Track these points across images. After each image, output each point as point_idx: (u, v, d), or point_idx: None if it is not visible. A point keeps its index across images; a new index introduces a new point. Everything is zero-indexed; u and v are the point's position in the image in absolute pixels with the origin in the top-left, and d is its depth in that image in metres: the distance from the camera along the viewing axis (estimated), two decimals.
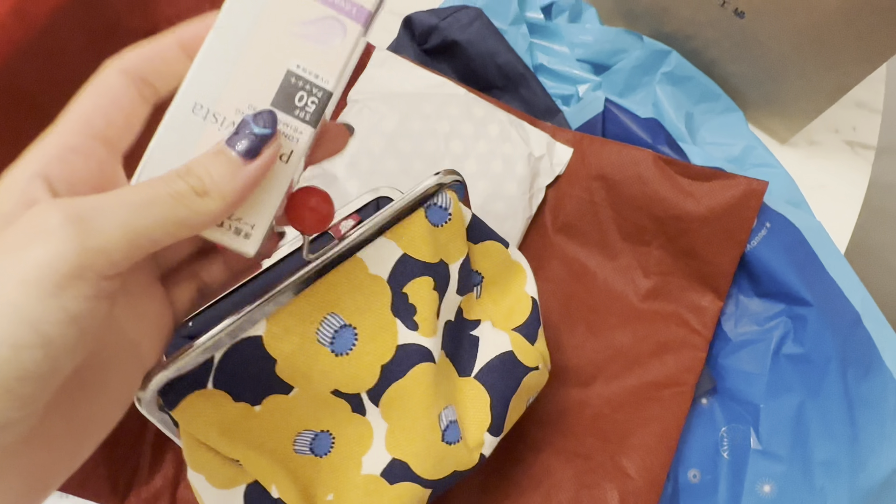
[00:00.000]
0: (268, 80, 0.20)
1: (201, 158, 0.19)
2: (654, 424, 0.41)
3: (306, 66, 0.20)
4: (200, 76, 0.20)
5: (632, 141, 0.46)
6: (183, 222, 0.18)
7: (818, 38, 0.42)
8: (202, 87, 0.20)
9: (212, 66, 0.20)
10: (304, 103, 0.20)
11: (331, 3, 0.20)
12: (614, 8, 0.52)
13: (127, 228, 0.17)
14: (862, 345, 0.42)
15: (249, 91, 0.20)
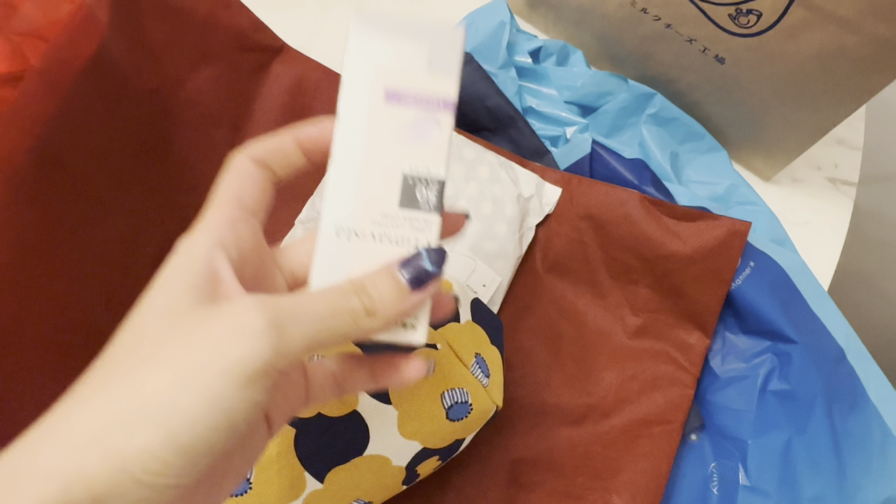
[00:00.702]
0: (390, 189, 0.23)
1: (374, 277, 0.21)
2: (645, 461, 0.42)
3: (417, 165, 0.23)
4: (334, 203, 0.22)
5: (618, 181, 0.48)
6: (346, 335, 0.20)
7: (796, 84, 0.43)
8: (337, 211, 0.22)
9: (340, 192, 0.23)
10: (426, 196, 0.23)
11: (422, 106, 0.23)
12: (600, 51, 0.53)
13: (309, 337, 0.19)
14: (847, 380, 0.43)
15: (378, 202, 0.22)
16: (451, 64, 0.23)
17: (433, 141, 0.23)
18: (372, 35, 0.23)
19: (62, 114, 0.33)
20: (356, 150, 0.23)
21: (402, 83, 0.23)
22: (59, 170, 0.34)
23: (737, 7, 0.41)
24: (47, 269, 0.34)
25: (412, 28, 0.23)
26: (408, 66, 0.23)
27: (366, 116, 0.22)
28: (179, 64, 0.40)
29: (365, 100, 0.22)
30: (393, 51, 0.23)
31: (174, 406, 0.17)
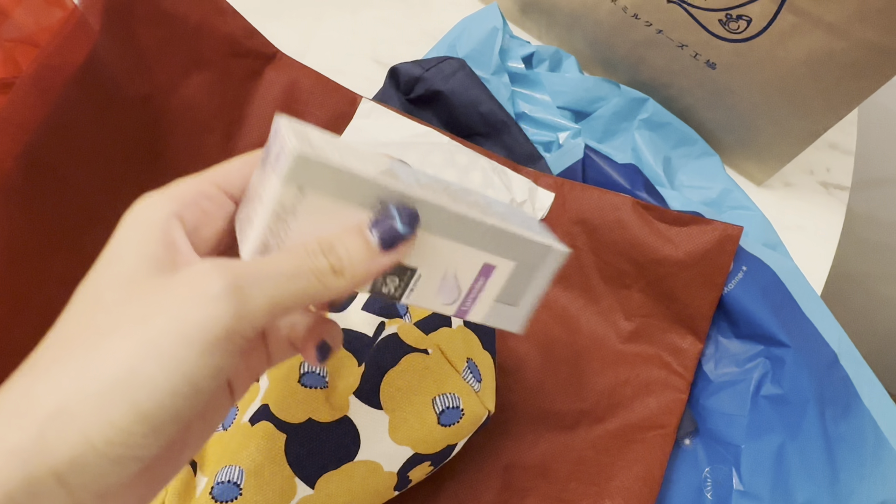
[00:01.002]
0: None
1: (342, 236, 0.20)
2: (638, 467, 0.42)
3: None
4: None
5: (611, 186, 0.48)
6: (314, 296, 0.19)
7: (787, 89, 0.43)
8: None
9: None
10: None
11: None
12: (593, 57, 0.53)
13: (272, 300, 0.18)
14: (839, 385, 0.43)
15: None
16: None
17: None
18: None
19: (52, 120, 0.33)
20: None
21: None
22: (50, 176, 0.34)
23: (727, 13, 0.41)
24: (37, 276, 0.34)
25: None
26: None
27: None
28: (172, 70, 0.40)
29: None
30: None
31: (136, 376, 0.17)
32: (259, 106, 0.45)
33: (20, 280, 0.33)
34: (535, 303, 0.26)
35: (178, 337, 0.17)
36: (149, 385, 0.17)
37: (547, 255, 0.25)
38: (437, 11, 0.56)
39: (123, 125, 0.38)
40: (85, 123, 0.36)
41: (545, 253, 0.25)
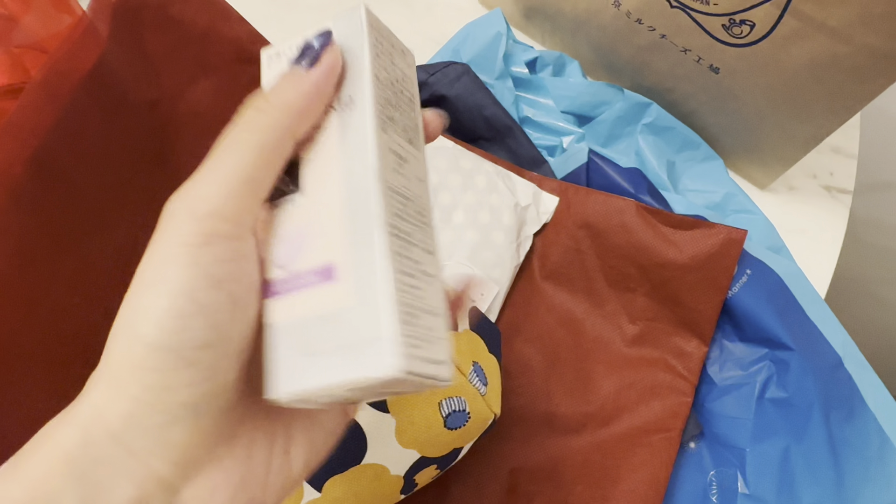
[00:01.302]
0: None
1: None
2: (644, 470, 0.42)
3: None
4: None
5: (615, 190, 0.48)
6: (264, 145, 0.18)
7: (790, 93, 0.43)
8: None
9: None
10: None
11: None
12: (596, 61, 0.54)
13: (221, 183, 0.18)
14: (844, 388, 0.43)
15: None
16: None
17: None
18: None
19: (61, 125, 0.34)
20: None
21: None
22: (58, 180, 0.34)
23: (730, 18, 0.41)
24: (45, 280, 0.34)
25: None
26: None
27: None
28: (179, 76, 0.41)
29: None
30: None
31: (135, 310, 0.17)
32: None
33: (29, 283, 0.33)
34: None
35: (159, 261, 0.17)
36: (147, 314, 0.17)
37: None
38: (442, 17, 0.57)
39: (131, 130, 0.39)
40: (93, 128, 0.36)
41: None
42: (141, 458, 0.17)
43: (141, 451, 0.17)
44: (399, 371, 0.17)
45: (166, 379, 0.16)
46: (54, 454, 0.16)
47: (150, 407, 0.16)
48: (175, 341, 0.17)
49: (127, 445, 0.16)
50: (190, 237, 0.17)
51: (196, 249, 0.17)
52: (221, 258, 0.18)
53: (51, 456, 0.16)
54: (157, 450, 0.17)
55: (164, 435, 0.17)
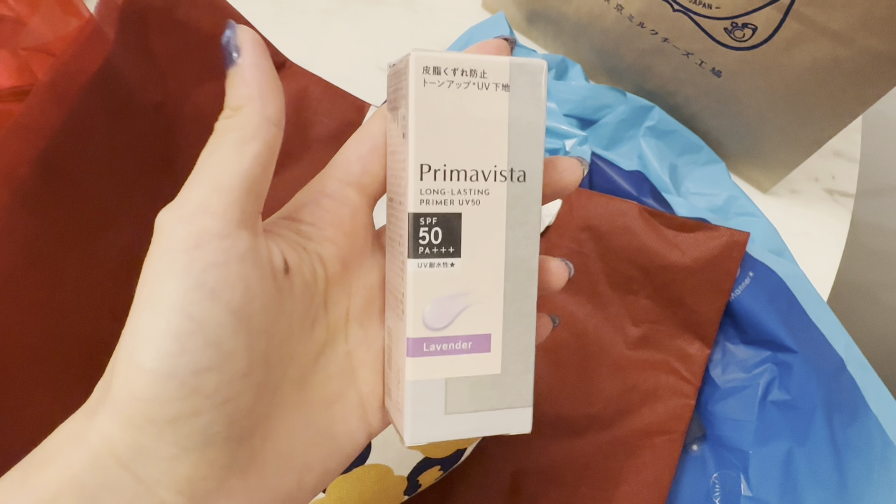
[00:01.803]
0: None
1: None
2: (646, 472, 0.42)
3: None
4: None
5: (618, 193, 0.48)
6: (240, 139, 0.18)
7: (792, 97, 0.44)
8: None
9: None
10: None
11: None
12: (599, 65, 0.54)
13: (203, 181, 0.17)
14: (847, 390, 0.43)
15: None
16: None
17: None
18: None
19: (67, 126, 0.34)
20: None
21: None
22: (64, 181, 0.34)
23: (732, 21, 0.41)
24: (51, 281, 0.34)
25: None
26: None
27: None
28: (185, 78, 0.41)
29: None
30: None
31: (134, 334, 0.16)
32: None
33: (35, 284, 0.33)
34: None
35: (152, 275, 0.17)
36: (142, 337, 0.16)
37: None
38: (445, 21, 0.57)
39: (137, 132, 0.39)
40: (99, 130, 0.36)
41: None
42: (149, 487, 0.16)
43: (148, 480, 0.16)
44: (529, 429, 0.21)
45: (170, 410, 0.16)
46: (64, 475, 0.16)
47: (155, 439, 0.16)
48: (173, 366, 0.16)
49: (134, 473, 0.16)
50: (178, 241, 0.17)
51: (185, 255, 0.16)
52: (213, 262, 0.17)
53: (61, 476, 0.16)
54: (164, 480, 0.16)
55: (172, 467, 0.16)
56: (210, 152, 0.18)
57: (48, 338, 0.34)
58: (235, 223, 0.17)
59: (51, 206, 0.34)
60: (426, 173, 0.19)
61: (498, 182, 0.20)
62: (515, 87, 0.20)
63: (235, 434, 0.17)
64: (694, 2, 0.42)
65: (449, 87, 0.19)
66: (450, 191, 0.20)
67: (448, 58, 0.19)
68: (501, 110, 0.20)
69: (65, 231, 0.35)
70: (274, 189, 0.44)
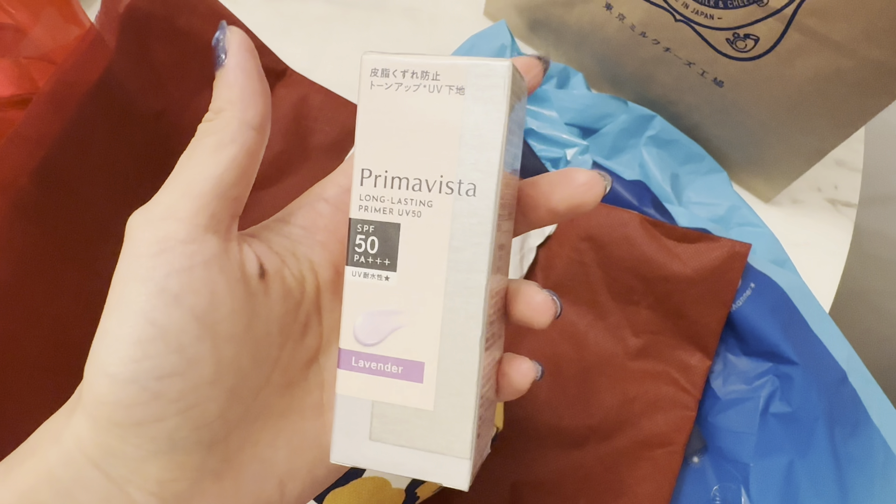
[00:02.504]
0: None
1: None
2: (647, 484, 0.42)
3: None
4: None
5: (618, 203, 0.48)
6: (217, 144, 0.18)
7: (794, 107, 0.43)
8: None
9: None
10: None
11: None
12: (601, 73, 0.54)
13: (175, 185, 0.17)
14: (849, 402, 0.42)
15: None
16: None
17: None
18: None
19: (67, 136, 0.34)
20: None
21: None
22: (63, 190, 0.34)
23: (734, 32, 0.41)
24: (50, 290, 0.34)
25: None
26: None
27: None
28: (185, 87, 0.41)
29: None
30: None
31: (100, 336, 0.16)
32: None
33: (33, 293, 0.33)
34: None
35: (118, 280, 0.17)
36: (107, 342, 0.16)
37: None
38: (446, 29, 0.57)
39: (137, 140, 0.39)
40: (99, 139, 0.36)
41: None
42: (119, 485, 0.16)
43: (118, 479, 0.16)
44: (466, 486, 0.18)
45: (133, 414, 0.16)
46: (41, 469, 0.16)
47: (121, 441, 0.16)
48: (136, 371, 0.16)
49: (105, 472, 0.16)
50: (144, 246, 0.17)
51: (149, 260, 0.16)
52: (177, 267, 0.16)
53: (38, 470, 0.16)
54: (134, 480, 0.16)
55: (140, 467, 0.16)
56: (187, 156, 0.18)
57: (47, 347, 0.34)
58: (203, 228, 0.17)
59: (50, 216, 0.34)
60: (366, 178, 0.18)
61: (443, 194, 0.18)
62: (471, 91, 0.17)
63: (205, 439, 0.17)
64: (696, 12, 0.42)
65: (397, 90, 0.18)
66: (389, 199, 0.18)
67: (398, 60, 0.18)
68: (453, 116, 0.18)
69: (64, 240, 0.35)
70: (273, 197, 0.44)
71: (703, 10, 0.41)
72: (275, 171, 0.45)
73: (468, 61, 0.18)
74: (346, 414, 0.19)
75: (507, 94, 0.17)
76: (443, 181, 0.18)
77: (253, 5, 0.54)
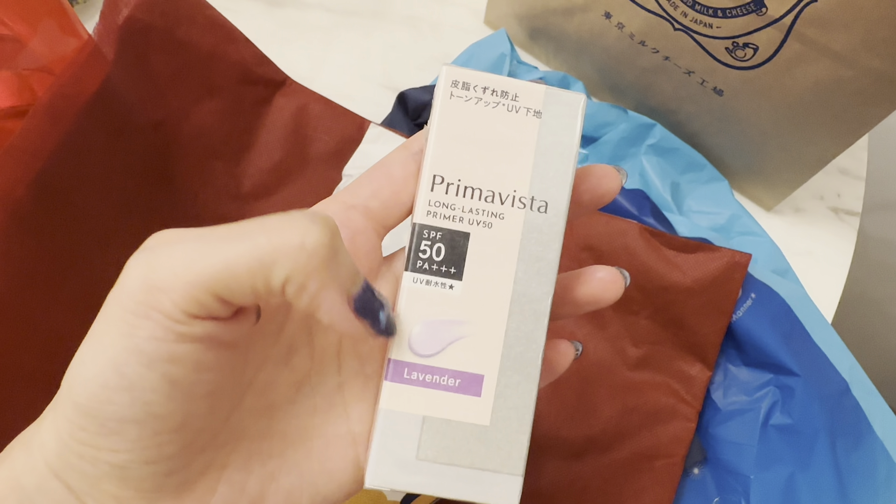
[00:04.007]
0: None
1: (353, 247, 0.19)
2: (646, 496, 0.41)
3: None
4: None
5: (618, 212, 0.48)
6: (259, 264, 0.15)
7: (795, 116, 0.43)
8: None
9: None
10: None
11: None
12: (600, 82, 0.54)
13: (188, 266, 0.15)
14: (851, 414, 0.42)
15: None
16: None
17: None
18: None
19: (65, 147, 0.34)
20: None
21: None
22: (61, 202, 0.34)
23: (733, 41, 0.41)
24: (46, 301, 0.34)
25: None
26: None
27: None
28: (184, 97, 0.41)
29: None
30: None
31: (75, 373, 0.16)
32: (268, 132, 0.46)
33: (31, 305, 0.33)
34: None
35: (103, 319, 0.16)
36: (80, 373, 0.16)
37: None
38: (446, 37, 0.57)
39: (135, 151, 0.39)
40: (97, 150, 0.36)
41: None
42: (79, 497, 0.17)
43: (78, 491, 0.17)
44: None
45: (91, 439, 0.16)
46: (10, 476, 0.17)
47: (79, 457, 0.16)
48: (98, 410, 0.16)
49: (65, 483, 0.17)
50: (132, 303, 0.16)
51: (134, 318, 0.16)
52: (160, 336, 0.16)
53: (7, 476, 0.17)
54: (93, 494, 0.17)
55: (97, 484, 0.16)
56: (225, 237, 0.16)
57: (44, 358, 0.34)
58: (194, 316, 0.16)
59: (47, 227, 0.34)
60: (438, 185, 0.18)
61: (515, 208, 0.18)
62: (548, 116, 0.19)
63: (161, 470, 0.17)
64: (695, 21, 0.42)
65: (476, 104, 0.18)
66: (461, 207, 0.18)
67: (479, 75, 0.19)
68: (529, 136, 0.18)
69: (60, 252, 0.35)
70: (271, 207, 0.44)
71: (701, 19, 0.41)
72: (273, 181, 0.45)
73: (547, 88, 0.19)
74: (389, 430, 0.18)
75: (580, 122, 0.19)
76: (516, 195, 0.19)
77: (252, 14, 0.54)
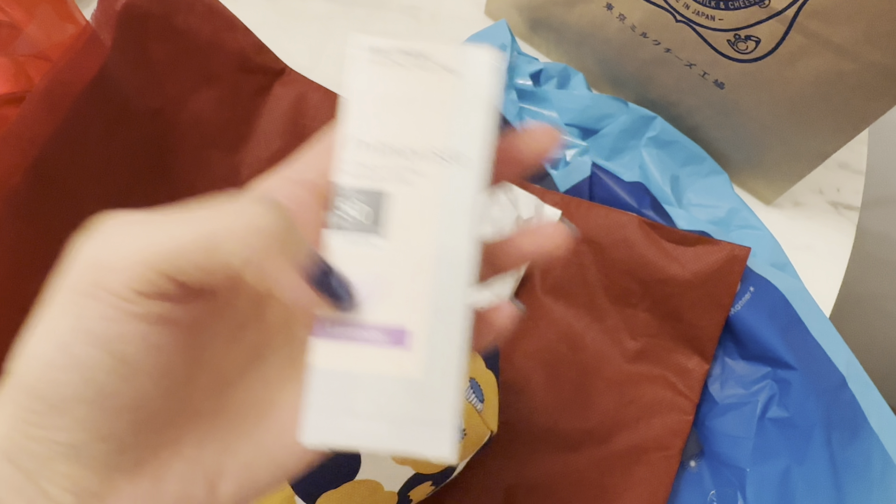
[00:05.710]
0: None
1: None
2: (642, 489, 0.41)
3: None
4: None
5: (618, 204, 0.48)
6: (209, 244, 0.16)
7: (796, 110, 0.43)
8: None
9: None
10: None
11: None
12: (601, 74, 0.53)
13: (138, 246, 0.16)
14: (847, 408, 0.42)
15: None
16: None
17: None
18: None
19: (61, 134, 0.34)
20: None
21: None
22: (57, 189, 0.34)
23: (735, 33, 0.41)
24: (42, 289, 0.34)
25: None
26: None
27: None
28: (182, 85, 0.41)
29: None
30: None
31: (29, 356, 0.16)
32: (267, 121, 0.45)
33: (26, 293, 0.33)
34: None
35: (50, 301, 0.16)
36: (27, 354, 0.16)
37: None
38: (447, 28, 0.57)
39: (132, 139, 0.39)
40: (94, 137, 0.36)
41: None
42: (32, 479, 0.16)
43: (31, 473, 0.16)
44: (455, 456, 0.18)
45: (40, 420, 0.16)
46: None
47: (29, 439, 0.16)
48: (45, 390, 0.16)
49: (17, 465, 0.16)
50: (80, 284, 0.16)
51: (82, 298, 0.16)
52: (108, 316, 0.16)
53: None
54: (46, 475, 0.16)
55: (48, 464, 0.16)
56: (182, 218, 0.17)
57: None
58: (144, 294, 0.16)
59: (43, 215, 0.34)
60: (355, 145, 0.18)
61: (434, 163, 0.19)
62: (463, 72, 0.19)
63: (112, 448, 0.17)
64: (697, 13, 0.41)
65: (391, 66, 0.19)
66: (381, 166, 0.18)
67: (392, 41, 0.19)
68: (445, 93, 0.19)
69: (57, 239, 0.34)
70: None
71: (704, 10, 0.41)
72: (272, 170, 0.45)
73: (460, 46, 0.19)
74: (320, 388, 0.18)
75: (495, 76, 0.19)
76: (433, 150, 0.19)
77: (252, 3, 0.53)
